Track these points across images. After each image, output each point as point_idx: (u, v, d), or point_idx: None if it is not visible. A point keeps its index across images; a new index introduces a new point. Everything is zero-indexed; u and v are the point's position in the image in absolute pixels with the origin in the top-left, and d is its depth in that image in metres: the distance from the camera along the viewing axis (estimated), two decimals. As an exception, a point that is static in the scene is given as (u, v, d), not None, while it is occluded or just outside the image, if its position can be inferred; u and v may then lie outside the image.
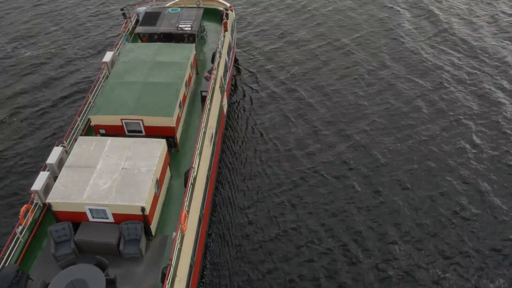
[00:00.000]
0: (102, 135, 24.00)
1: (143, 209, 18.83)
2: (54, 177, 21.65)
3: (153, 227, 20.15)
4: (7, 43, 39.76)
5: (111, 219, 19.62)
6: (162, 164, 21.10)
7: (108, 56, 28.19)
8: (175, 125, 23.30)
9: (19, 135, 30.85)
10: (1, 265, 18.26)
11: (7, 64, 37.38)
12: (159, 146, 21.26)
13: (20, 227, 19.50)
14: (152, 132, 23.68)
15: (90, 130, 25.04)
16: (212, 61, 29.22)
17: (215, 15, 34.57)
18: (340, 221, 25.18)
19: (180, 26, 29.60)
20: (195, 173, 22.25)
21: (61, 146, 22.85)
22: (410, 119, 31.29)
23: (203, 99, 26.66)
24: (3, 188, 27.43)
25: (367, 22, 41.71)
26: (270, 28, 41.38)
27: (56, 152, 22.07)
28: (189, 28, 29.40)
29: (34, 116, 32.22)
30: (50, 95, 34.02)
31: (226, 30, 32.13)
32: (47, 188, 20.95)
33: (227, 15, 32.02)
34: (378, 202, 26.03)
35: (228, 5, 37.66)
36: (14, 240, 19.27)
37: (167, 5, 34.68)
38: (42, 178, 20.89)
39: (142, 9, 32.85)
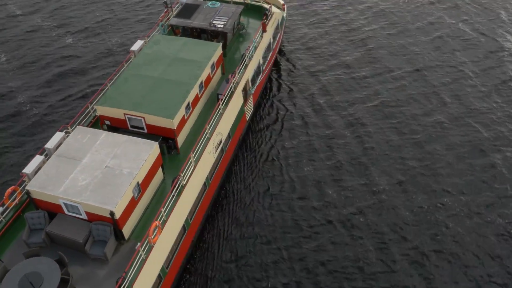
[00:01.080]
0: (108, 126, 23.87)
1: (112, 213, 18.32)
2: None
3: (126, 231, 19.62)
4: (55, 27, 41.17)
5: (84, 216, 19.37)
6: (148, 168, 20.42)
7: (137, 45, 27.95)
8: (175, 128, 22.48)
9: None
10: None
11: (52, 48, 38.79)
12: (149, 148, 20.58)
13: (1, 208, 19.86)
14: (154, 131, 23.08)
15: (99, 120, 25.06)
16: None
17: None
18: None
19: (213, 22, 28.54)
20: (184, 181, 21.34)
21: (65, 131, 23.00)
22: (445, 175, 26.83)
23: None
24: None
25: (429, 55, 36.16)
26: (321, 45, 37.64)
27: (56, 138, 22.20)
28: (222, 25, 28.25)
29: (65, 102, 32.98)
30: (83, 82, 34.54)
31: (264, 31, 30.57)
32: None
33: (267, 15, 30.39)
34: (390, 271, 22.50)
35: (282, 2, 36.02)
36: None
37: None
38: (35, 161, 21.10)
39: (182, 0, 32.19)
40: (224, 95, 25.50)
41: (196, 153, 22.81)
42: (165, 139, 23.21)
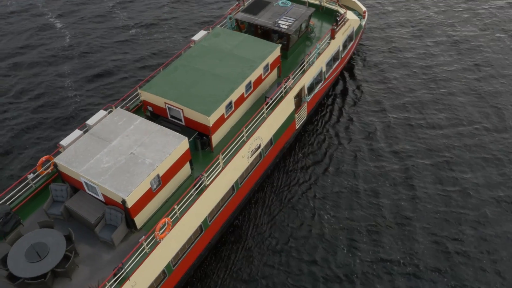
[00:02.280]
0: (150, 112, 23.97)
1: (123, 201, 18.23)
2: None
3: (139, 221, 19.50)
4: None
5: (101, 198, 19.55)
6: (173, 161, 20.09)
7: (199, 35, 27.74)
8: (211, 125, 21.92)
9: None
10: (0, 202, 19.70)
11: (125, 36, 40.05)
12: (177, 142, 20.21)
13: (32, 175, 20.70)
14: (190, 125, 22.73)
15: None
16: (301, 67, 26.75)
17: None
18: None
19: (279, 22, 27.46)
20: (207, 181, 20.73)
21: (109, 111, 23.45)
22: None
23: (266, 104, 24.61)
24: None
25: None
26: (395, 73, 33.51)
27: (98, 115, 22.65)
28: (286, 26, 27.07)
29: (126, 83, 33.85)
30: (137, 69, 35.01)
31: (332, 37, 28.86)
32: (73, 147, 21.82)
33: (337, 21, 28.63)
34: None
35: (364, 9, 33.95)
36: (23, 184, 20.60)
37: None
38: (73, 135, 21.70)
39: (259, -6, 31.42)
40: (271, 98, 24.45)
41: (226, 155, 22.08)
42: (201, 134, 22.77)
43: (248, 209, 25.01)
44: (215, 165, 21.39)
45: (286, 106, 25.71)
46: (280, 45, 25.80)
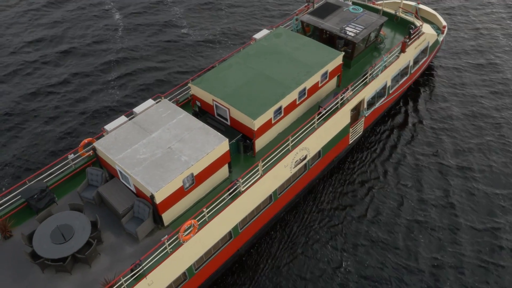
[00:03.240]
0: (198, 108, 23.35)
1: (152, 196, 17.67)
2: None
3: (167, 218, 18.90)
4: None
5: (133, 189, 19.16)
6: (210, 162, 19.27)
7: (261, 33, 26.67)
8: (256, 129, 20.85)
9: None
10: (37, 179, 19.89)
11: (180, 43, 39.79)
12: (217, 142, 19.36)
13: (73, 155, 20.76)
14: (235, 126, 21.82)
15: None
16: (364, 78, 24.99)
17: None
18: None
19: (346, 28, 25.77)
20: (242, 187, 19.71)
21: (158, 100, 23.10)
22: None
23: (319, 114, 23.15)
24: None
25: None
26: (478, 107, 29.85)
27: (146, 104, 22.34)
28: (352, 34, 25.33)
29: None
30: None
31: (402, 51, 26.70)
32: (116, 133, 21.64)
33: (410, 33, 26.40)
34: None
35: (444, 24, 31.36)
36: (63, 163, 20.72)
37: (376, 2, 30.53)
38: (118, 121, 21.50)
39: (332, -3, 29.84)
40: (324, 108, 22.95)
41: (268, 162, 20.93)
42: (245, 137, 21.79)
43: (285, 221, 23.72)
44: (253, 171, 20.32)
45: (341, 119, 24.07)
46: (343, 53, 24.17)
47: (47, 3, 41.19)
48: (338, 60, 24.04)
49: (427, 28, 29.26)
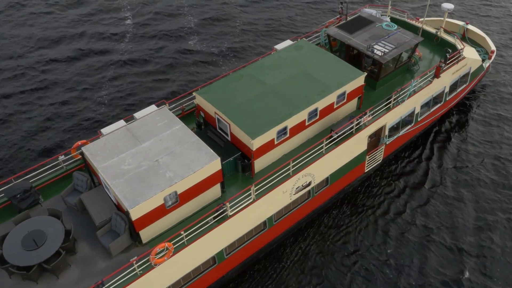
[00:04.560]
0: (203, 118, 22.05)
1: (127, 212, 16.52)
2: None
3: (146, 236, 17.71)
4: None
5: (114, 200, 18.13)
6: (197, 180, 17.87)
7: (283, 44, 25.00)
8: (254, 149, 19.25)
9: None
10: (23, 179, 19.32)
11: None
12: (207, 161, 17.91)
13: (64, 157, 20.04)
14: (235, 142, 20.32)
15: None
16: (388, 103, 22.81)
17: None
18: None
19: (374, 46, 23.54)
20: (229, 211, 18.17)
21: (162, 107, 22.01)
22: None
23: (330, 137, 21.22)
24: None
25: None
26: None
27: (148, 110, 21.32)
28: (380, 53, 23.07)
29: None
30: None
31: (436, 76, 24.11)
32: (112, 137, 20.75)
33: (446, 58, 23.74)
34: None
35: (493, 48, 28.35)
36: (53, 164, 20.05)
37: (416, 21, 27.88)
38: (116, 125, 20.64)
39: (368, 11, 27.60)
40: (336, 132, 20.97)
41: (263, 186, 19.27)
42: (244, 156, 20.25)
43: (279, 249, 21.95)
44: (246, 195, 18.75)
45: (355, 145, 21.97)
46: (365, 73, 22.01)
47: (70, 2, 41.01)
48: (359, 80, 21.94)
49: (470, 52, 26.40)
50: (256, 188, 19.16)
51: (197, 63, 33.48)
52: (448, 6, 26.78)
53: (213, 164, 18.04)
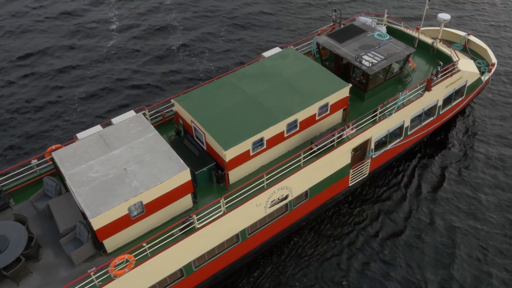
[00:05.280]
0: (182, 126, 21.64)
1: (88, 222, 16.19)
2: None
3: (110, 245, 17.34)
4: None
5: (81, 208, 17.83)
6: (165, 191, 17.44)
7: (271, 51, 24.40)
8: (227, 161, 18.73)
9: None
10: None
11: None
12: (176, 171, 17.46)
13: (37, 160, 19.83)
14: (210, 152, 19.85)
15: None
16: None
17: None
18: None
19: (363, 57, 22.79)
20: (197, 224, 17.68)
21: (142, 112, 21.67)
22: None
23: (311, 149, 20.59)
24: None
25: None
26: None
27: (126, 115, 20.99)
28: (368, 64, 22.31)
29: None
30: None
31: (427, 89, 23.24)
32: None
33: (438, 70, 22.84)
34: None
35: (494, 61, 27.34)
36: (26, 168, 19.87)
37: (415, 31, 26.96)
38: (92, 130, 20.35)
39: (363, 19, 26.84)
40: (315, 145, 20.33)
41: (235, 199, 18.73)
42: (218, 166, 19.75)
43: (255, 264, 21.37)
44: (215, 207, 18.26)
45: (337, 158, 21.27)
46: (350, 85, 21.30)
47: (62, 12, 40.08)
48: (344, 92, 21.23)
49: (466, 65, 25.41)
50: (227, 200, 18.66)
51: (183, 67, 33.17)
52: (444, 16, 25.85)
53: (182, 174, 17.59)
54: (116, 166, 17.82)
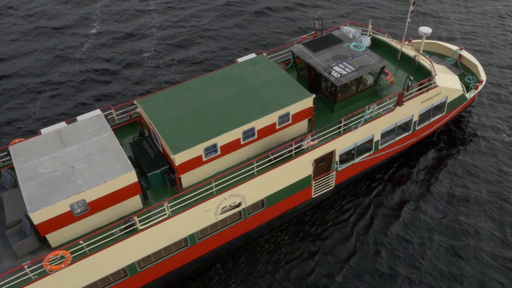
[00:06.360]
0: (144, 127, 21.91)
1: (28, 217, 16.62)
2: None
3: (54, 240, 17.76)
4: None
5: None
6: (110, 191, 17.71)
7: (246, 57, 24.30)
8: (177, 164, 18.86)
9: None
10: None
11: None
12: (121, 172, 17.72)
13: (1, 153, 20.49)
14: (165, 155, 20.02)
15: None
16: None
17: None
18: None
19: (333, 68, 22.47)
20: (137, 225, 17.86)
21: (108, 112, 22.07)
22: None
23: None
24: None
25: None
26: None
27: (91, 114, 21.26)
28: (336, 75, 21.98)
29: None
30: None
31: (398, 104, 22.72)
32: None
33: (408, 85, 22.26)
34: None
35: (482, 78, 26.58)
36: None
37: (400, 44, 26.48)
38: (56, 126, 20.72)
39: (347, 29, 26.48)
40: (271, 153, 20.21)
41: (181, 203, 18.82)
42: (171, 170, 19.90)
43: (207, 270, 21.39)
44: (158, 209, 18.41)
45: (296, 169, 21.07)
46: (313, 95, 21.05)
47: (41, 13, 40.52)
48: (307, 102, 21.00)
49: (448, 81, 24.70)
50: (175, 203, 18.79)
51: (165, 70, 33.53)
52: (425, 30, 25.22)
53: (128, 175, 17.82)
54: (65, 163, 18.22)
